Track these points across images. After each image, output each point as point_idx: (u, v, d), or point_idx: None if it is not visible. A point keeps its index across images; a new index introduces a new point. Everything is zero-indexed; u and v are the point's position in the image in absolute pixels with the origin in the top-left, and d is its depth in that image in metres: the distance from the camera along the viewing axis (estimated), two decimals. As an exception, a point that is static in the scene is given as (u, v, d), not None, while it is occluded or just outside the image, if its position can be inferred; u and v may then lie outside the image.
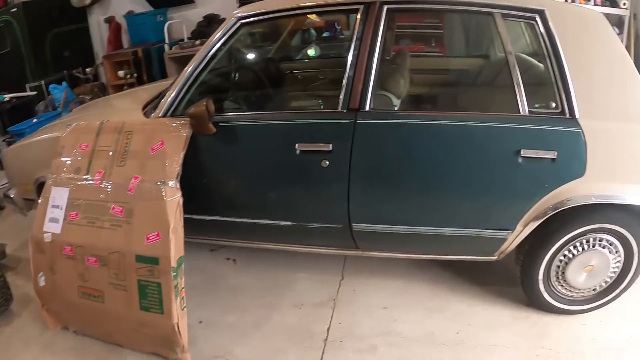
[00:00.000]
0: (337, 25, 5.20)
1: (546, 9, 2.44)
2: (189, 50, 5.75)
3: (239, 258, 3.25)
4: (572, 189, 2.36)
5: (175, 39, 6.36)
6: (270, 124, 2.56)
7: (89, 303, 2.50)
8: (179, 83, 2.62)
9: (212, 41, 2.60)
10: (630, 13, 5.71)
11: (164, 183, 2.38)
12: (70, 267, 2.52)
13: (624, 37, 5.76)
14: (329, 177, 2.48)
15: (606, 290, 2.70)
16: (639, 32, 5.83)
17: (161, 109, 2.64)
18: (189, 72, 2.60)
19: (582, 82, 2.36)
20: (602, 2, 5.70)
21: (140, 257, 2.34)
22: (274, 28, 3.94)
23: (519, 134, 2.36)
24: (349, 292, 2.94)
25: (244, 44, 3.38)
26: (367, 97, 2.44)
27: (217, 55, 2.62)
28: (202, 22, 6.25)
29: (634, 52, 5.78)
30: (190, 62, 2.64)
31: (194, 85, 2.62)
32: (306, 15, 2.83)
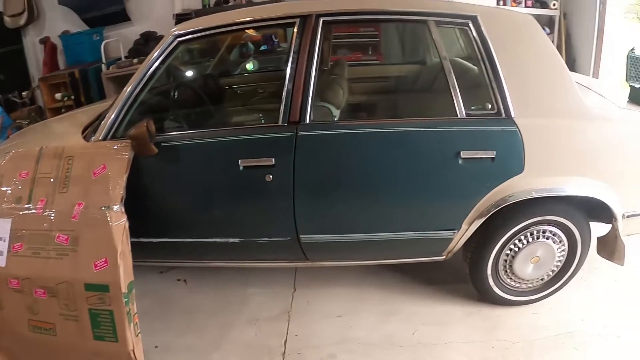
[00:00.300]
0: (275, 38, 5.21)
1: (478, 14, 2.51)
2: (127, 69, 5.62)
3: (189, 278, 3.20)
4: (512, 185, 2.44)
5: (112, 58, 6.23)
6: (212, 141, 2.53)
7: (41, 337, 2.41)
8: (118, 104, 2.56)
9: (150, 60, 2.56)
10: (560, 13, 5.98)
11: (108, 208, 2.33)
12: (18, 300, 2.42)
13: (554, 37, 6.00)
14: (274, 191, 2.48)
15: (554, 279, 2.80)
16: (570, 30, 6.06)
17: (101, 131, 2.57)
18: (128, 93, 2.55)
19: (515, 83, 2.45)
20: (532, 4, 5.96)
21: (90, 286, 2.27)
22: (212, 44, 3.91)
23: (457, 136, 2.43)
24: (303, 303, 2.94)
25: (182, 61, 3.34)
26: (307, 109, 2.45)
27: (156, 74, 2.58)
28: (139, 40, 6.13)
29: (565, 50, 6.01)
30: (129, 82, 2.59)
31: (133, 105, 2.57)
32: (243, 30, 2.81)
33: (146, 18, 6.31)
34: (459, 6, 2.57)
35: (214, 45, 3.93)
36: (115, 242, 2.27)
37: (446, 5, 2.57)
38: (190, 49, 3.67)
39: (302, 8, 2.56)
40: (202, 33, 2.60)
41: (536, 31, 2.58)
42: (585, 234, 2.67)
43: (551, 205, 2.56)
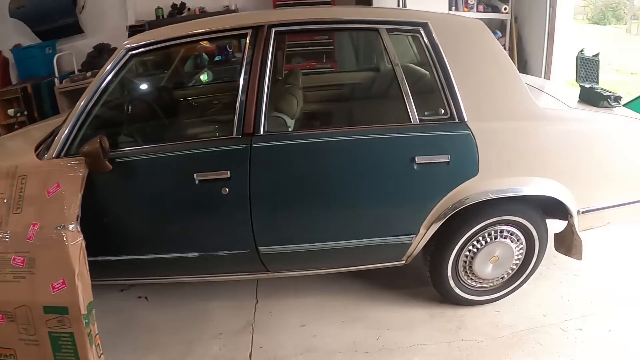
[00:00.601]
0: (229, 49, 5.18)
1: (429, 21, 2.55)
2: (80, 83, 5.53)
3: (151, 295, 3.14)
4: (468, 188, 2.48)
5: (65, 71, 6.12)
6: (167, 155, 2.49)
7: (2, 364, 2.37)
8: (71, 120, 2.50)
9: (103, 74, 2.51)
10: (511, 17, 6.13)
11: (64, 227, 2.27)
12: (-25, 327, 2.37)
13: (506, 40, 6.14)
14: (230, 204, 2.46)
15: (514, 276, 2.85)
16: (521, 33, 6.21)
17: (54, 148, 2.50)
18: (81, 108, 2.49)
19: (468, 87, 2.49)
20: (484, 9, 6.09)
21: (49, 308, 2.21)
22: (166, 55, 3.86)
23: (412, 142, 2.46)
24: (266, 314, 2.92)
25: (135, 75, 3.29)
26: (261, 120, 2.44)
27: (109, 88, 2.53)
28: (93, 52, 6.06)
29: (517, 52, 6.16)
30: (81, 96, 2.54)
31: (87, 121, 2.51)
32: (196, 42, 2.79)
33: (99, 30, 6.24)
34: (410, 13, 2.62)
35: (168, 57, 3.89)
36: (73, 263, 2.21)
37: (397, 13, 2.61)
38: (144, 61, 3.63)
39: (254, 19, 2.56)
40: (155, 46, 2.56)
41: (486, 36, 2.63)
42: (542, 232, 2.73)
43: (507, 206, 2.61)
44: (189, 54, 4.51)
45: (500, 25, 6.25)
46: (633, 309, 2.82)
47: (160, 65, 3.96)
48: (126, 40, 2.63)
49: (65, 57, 6.15)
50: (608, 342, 2.58)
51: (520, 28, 6.23)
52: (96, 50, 6.02)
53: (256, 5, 6.24)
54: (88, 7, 6.31)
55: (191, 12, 6.14)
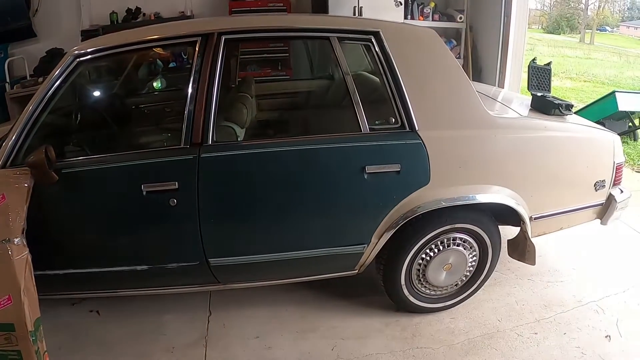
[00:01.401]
0: (184, 55, 5.10)
1: (381, 30, 2.55)
2: (32, 89, 5.31)
3: (102, 308, 3.05)
4: (420, 196, 2.49)
5: (17, 76, 5.93)
6: (114, 166, 2.43)
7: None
8: (17, 128, 2.41)
9: (50, 81, 2.43)
10: (466, 26, 6.23)
11: (9, 241, 2.18)
12: None
13: (461, 48, 6.24)
14: (179, 216, 2.42)
15: (468, 283, 2.88)
16: (475, 42, 6.33)
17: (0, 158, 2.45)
18: (27, 116, 2.40)
19: (418, 96, 2.51)
20: (439, 18, 6.17)
21: (-5, 325, 2.15)
22: (118, 62, 3.78)
23: (361, 152, 2.45)
24: (219, 326, 2.87)
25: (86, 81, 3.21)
26: (209, 130, 2.40)
27: (56, 95, 2.45)
28: (45, 57, 5.88)
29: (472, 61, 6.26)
30: (27, 105, 2.45)
31: (33, 129, 2.42)
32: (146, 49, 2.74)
33: (53, 34, 6.05)
34: (363, 22, 2.62)
35: (120, 64, 3.80)
36: (18, 278, 2.13)
37: (349, 22, 2.61)
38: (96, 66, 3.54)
39: (203, 26, 2.54)
40: (104, 52, 2.50)
41: (438, 45, 2.66)
42: (495, 239, 2.76)
43: (460, 214, 2.63)
44: (143, 60, 4.41)
45: (455, 34, 6.37)
46: (587, 312, 2.88)
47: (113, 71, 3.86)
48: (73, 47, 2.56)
49: (17, 61, 5.96)
50: (563, 346, 2.63)
51: (475, 37, 6.35)
52: (49, 55, 5.84)
53: (212, 11, 6.20)
54: (41, 10, 6.12)
55: (146, 18, 6.05)
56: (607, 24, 25.20)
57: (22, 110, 2.46)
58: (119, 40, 2.55)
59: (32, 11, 6.13)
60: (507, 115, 2.95)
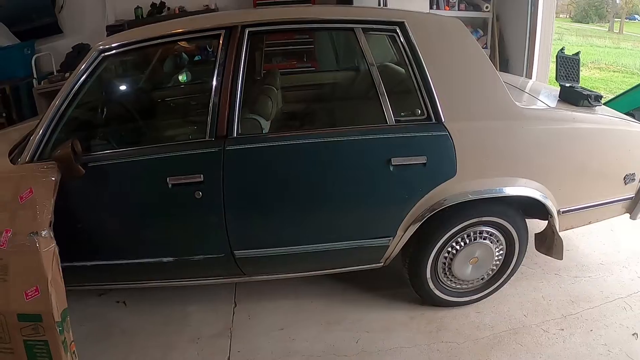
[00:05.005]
0: (209, 48, 5.10)
1: (406, 20, 2.52)
2: (59, 84, 5.35)
3: (129, 299, 3.09)
4: (446, 189, 2.46)
5: (44, 72, 6.00)
6: (140, 159, 2.46)
7: (-23, 372, 2.31)
8: (44, 123, 2.45)
9: (75, 76, 2.47)
10: (492, 15, 6.13)
11: (36, 234, 2.22)
12: (-50, 335, 2.32)
13: (488, 38, 6.14)
14: (204, 208, 2.43)
15: (494, 277, 2.84)
16: (502, 32, 6.22)
17: (27, 153, 2.46)
18: (54, 111, 2.44)
19: (445, 87, 2.47)
20: (465, 7, 6.08)
21: (22, 316, 2.16)
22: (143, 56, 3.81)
23: (387, 144, 2.43)
24: (244, 318, 2.89)
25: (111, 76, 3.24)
26: (234, 123, 2.41)
27: (82, 90, 2.48)
28: (72, 52, 5.95)
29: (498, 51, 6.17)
30: (53, 100, 2.49)
31: (60, 124, 2.46)
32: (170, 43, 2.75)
33: (79, 30, 6.14)
34: (387, 12, 2.59)
35: (145, 58, 3.83)
36: (45, 270, 2.17)
37: (373, 12, 2.59)
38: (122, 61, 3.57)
39: (227, 19, 2.53)
40: (128, 47, 2.52)
41: (464, 35, 2.62)
42: (522, 232, 2.72)
43: (487, 207, 2.60)
44: (168, 54, 4.44)
45: (482, 24, 6.27)
46: (614, 309, 2.82)
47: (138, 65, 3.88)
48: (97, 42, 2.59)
49: (44, 57, 6.03)
50: (589, 343, 2.58)
51: (501, 27, 6.24)
52: (75, 51, 5.92)
53: (237, 4, 6.20)
54: (67, 6, 6.20)
55: (171, 12, 6.08)
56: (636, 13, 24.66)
57: (49, 105, 2.49)
58: (144, 34, 2.56)
59: (58, 8, 6.22)
60: (534, 106, 2.90)
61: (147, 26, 2.66)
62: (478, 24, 6.25)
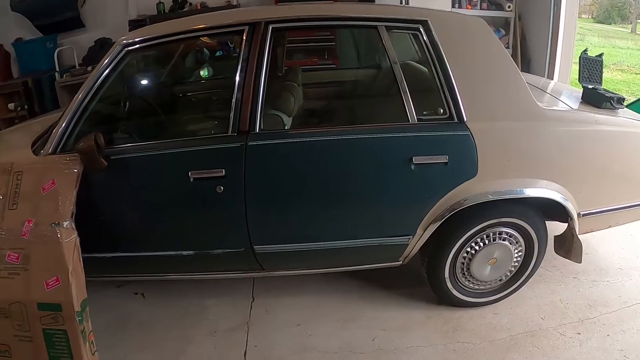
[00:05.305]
0: (230, 44, 5.13)
1: (429, 19, 2.52)
2: (81, 77, 5.46)
3: (147, 291, 3.13)
4: (467, 189, 2.45)
5: (66, 66, 6.08)
6: (162, 153, 2.48)
7: (-4, 360, 2.35)
8: (67, 116, 2.48)
9: (99, 70, 2.49)
10: (515, 15, 6.05)
11: (58, 225, 2.26)
12: (-30, 323, 2.35)
13: (510, 38, 6.08)
14: (225, 203, 2.45)
15: (512, 279, 2.82)
16: (525, 32, 6.16)
17: (50, 144, 2.49)
18: (77, 103, 2.47)
19: (467, 87, 2.46)
20: (488, 6, 6.02)
21: (43, 305, 2.20)
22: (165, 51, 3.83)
23: (409, 142, 2.43)
24: (262, 312, 2.90)
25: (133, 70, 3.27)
26: (257, 118, 2.42)
27: (105, 84, 2.51)
28: (94, 47, 6.02)
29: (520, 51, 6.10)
30: (77, 93, 2.52)
31: (83, 117, 2.49)
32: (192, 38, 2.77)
33: (101, 25, 6.17)
34: (410, 11, 2.59)
35: (168, 52, 3.86)
36: (66, 260, 2.21)
37: (397, 10, 2.58)
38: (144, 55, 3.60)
39: (250, 15, 2.54)
40: (151, 42, 2.55)
41: (487, 34, 2.60)
42: (542, 234, 2.70)
43: (507, 207, 2.58)
44: (190, 49, 4.47)
45: (504, 23, 6.21)
46: (632, 314, 2.79)
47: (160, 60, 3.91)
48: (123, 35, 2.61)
49: (66, 51, 6.10)
50: (606, 348, 2.55)
51: (524, 26, 6.18)
52: (97, 45, 5.98)
53: (258, 1, 6.20)
54: (89, 1, 6.24)
55: (193, 7, 6.10)
56: (660, 15, 24.28)
57: (71, 98, 2.52)
58: (167, 29, 2.58)
59: (80, 2, 6.25)
60: (557, 107, 2.88)
61: (171, 21, 2.67)
62: (500, 24, 6.19)
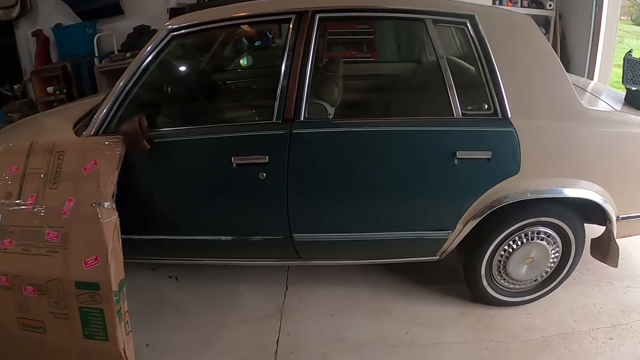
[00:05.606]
0: (269, 34, 5.15)
1: (476, 13, 2.49)
2: (120, 63, 5.56)
3: (180, 275, 3.16)
4: (507, 186, 2.43)
5: (105, 51, 6.17)
6: (205, 138, 2.50)
7: (30, 335, 2.36)
8: (110, 99, 2.52)
9: (143, 54, 2.52)
10: (555, 14, 5.94)
11: (99, 204, 2.29)
12: (7, 298, 2.36)
13: (550, 37, 5.98)
14: (267, 189, 2.46)
15: (547, 280, 2.79)
16: (565, 31, 6.04)
17: (93, 126, 2.53)
18: (120, 87, 2.51)
19: (513, 83, 2.43)
20: (528, 4, 5.93)
21: (80, 284, 2.24)
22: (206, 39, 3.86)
23: (453, 136, 2.41)
24: (295, 301, 2.91)
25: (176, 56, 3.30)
26: (302, 106, 2.43)
27: (149, 68, 2.54)
28: (133, 33, 6.10)
29: (560, 50, 6.00)
30: (121, 76, 2.55)
31: (126, 100, 2.53)
32: (238, 26, 2.78)
33: (140, 12, 6.23)
34: (457, 5, 2.55)
35: (208, 40, 3.88)
36: (106, 240, 2.24)
37: (444, 4, 2.55)
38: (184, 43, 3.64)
39: (298, 4, 2.53)
40: (197, 28, 2.56)
41: (534, 32, 2.57)
42: (580, 236, 2.66)
43: (546, 207, 2.56)
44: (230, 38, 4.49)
45: (544, 22, 6.10)
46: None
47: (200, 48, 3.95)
48: (166, 22, 2.63)
49: (105, 37, 6.20)
50: (637, 355, 2.51)
51: (564, 26, 6.07)
52: (136, 32, 6.06)
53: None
54: (129, -12, 6.35)
55: (233, -3, 6.11)
56: (700, 18, 23.68)
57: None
58: (213, 16, 2.61)
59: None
60: (600, 108, 2.82)
61: (217, 7, 2.71)
62: (540, 22, 6.06)
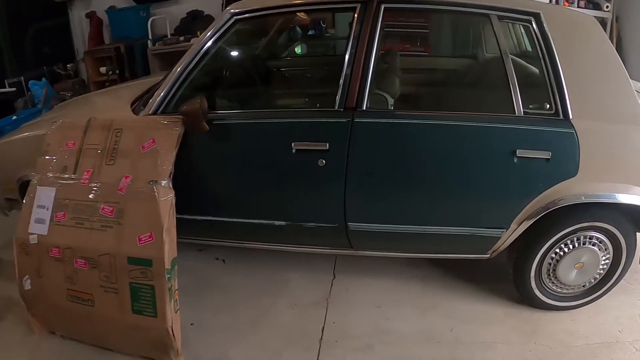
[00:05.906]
0: (323, 24, 5.18)
1: (541, 11, 2.46)
2: (173, 46, 5.67)
3: (228, 258, 3.20)
4: (564, 189, 2.40)
5: (158, 35, 6.27)
6: (266, 122, 2.53)
7: (78, 307, 2.42)
8: (170, 80, 2.56)
9: (205, 37, 2.56)
10: (612, 16, 5.77)
11: (156, 182, 2.32)
12: (58, 269, 2.43)
13: (606, 40, 5.82)
14: (326, 177, 2.47)
15: (595, 286, 2.75)
16: (621, 34, 5.90)
17: (151, 106, 2.58)
18: (181, 69, 2.55)
19: (575, 84, 2.40)
20: (585, 5, 5.77)
21: (133, 259, 2.28)
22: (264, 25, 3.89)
23: (515, 134, 2.39)
24: (342, 291, 2.93)
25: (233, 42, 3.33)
26: (364, 96, 2.43)
27: (210, 52, 2.58)
28: (186, 18, 6.19)
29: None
30: (182, 58, 2.58)
31: (185, 82, 2.57)
32: (301, 12, 2.80)
33: (193, -4, 6.35)
34: (523, 2, 2.52)
35: (265, 27, 3.91)
36: (162, 218, 2.27)
37: (510, 1, 2.53)
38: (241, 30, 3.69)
39: (362, -7, 2.53)
40: (259, 12, 2.59)
41: (598, 33, 2.54)
42: (631, 243, 2.62)
43: (600, 212, 2.52)
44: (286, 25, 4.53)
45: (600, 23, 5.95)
46: None
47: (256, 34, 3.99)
48: (228, 7, 2.65)
49: (159, 20, 6.31)
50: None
51: (620, 28, 5.90)
52: (189, 16, 6.16)
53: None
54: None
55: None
56: None
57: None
58: (277, 1, 2.62)
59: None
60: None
61: (278, -6, 2.70)
62: (596, 24, 5.93)
